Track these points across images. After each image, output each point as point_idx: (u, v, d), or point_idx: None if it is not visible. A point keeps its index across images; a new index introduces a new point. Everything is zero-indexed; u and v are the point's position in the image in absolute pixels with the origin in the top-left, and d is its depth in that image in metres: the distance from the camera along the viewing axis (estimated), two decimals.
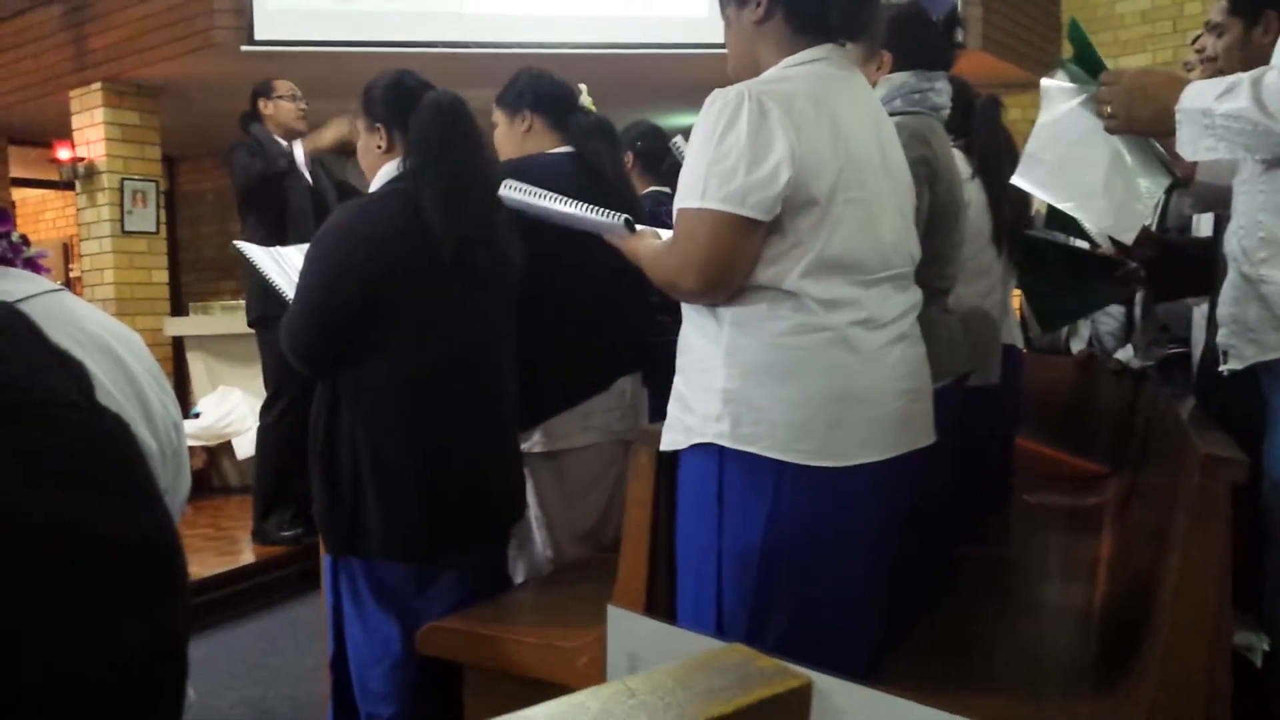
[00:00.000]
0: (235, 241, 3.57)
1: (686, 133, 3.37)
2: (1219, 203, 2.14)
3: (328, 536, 2.33)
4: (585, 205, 2.20)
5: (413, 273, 2.26)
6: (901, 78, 2.15)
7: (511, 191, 2.32)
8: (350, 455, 2.26)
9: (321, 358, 2.32)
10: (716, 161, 1.61)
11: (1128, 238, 2.20)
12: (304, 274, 2.33)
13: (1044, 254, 3.15)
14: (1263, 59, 1.77)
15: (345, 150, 4.33)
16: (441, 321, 2.30)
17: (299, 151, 4.55)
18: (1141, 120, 1.80)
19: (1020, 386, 3.54)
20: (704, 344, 1.71)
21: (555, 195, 2.28)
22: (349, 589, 2.35)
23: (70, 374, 0.58)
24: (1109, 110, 1.83)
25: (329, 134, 4.45)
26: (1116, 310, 3.90)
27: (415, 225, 2.25)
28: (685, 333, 1.78)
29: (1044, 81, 2.12)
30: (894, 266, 1.75)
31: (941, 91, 2.18)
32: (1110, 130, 1.88)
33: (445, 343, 2.30)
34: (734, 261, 1.63)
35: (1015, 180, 2.22)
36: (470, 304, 2.33)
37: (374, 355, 2.26)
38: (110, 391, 1.08)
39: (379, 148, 2.43)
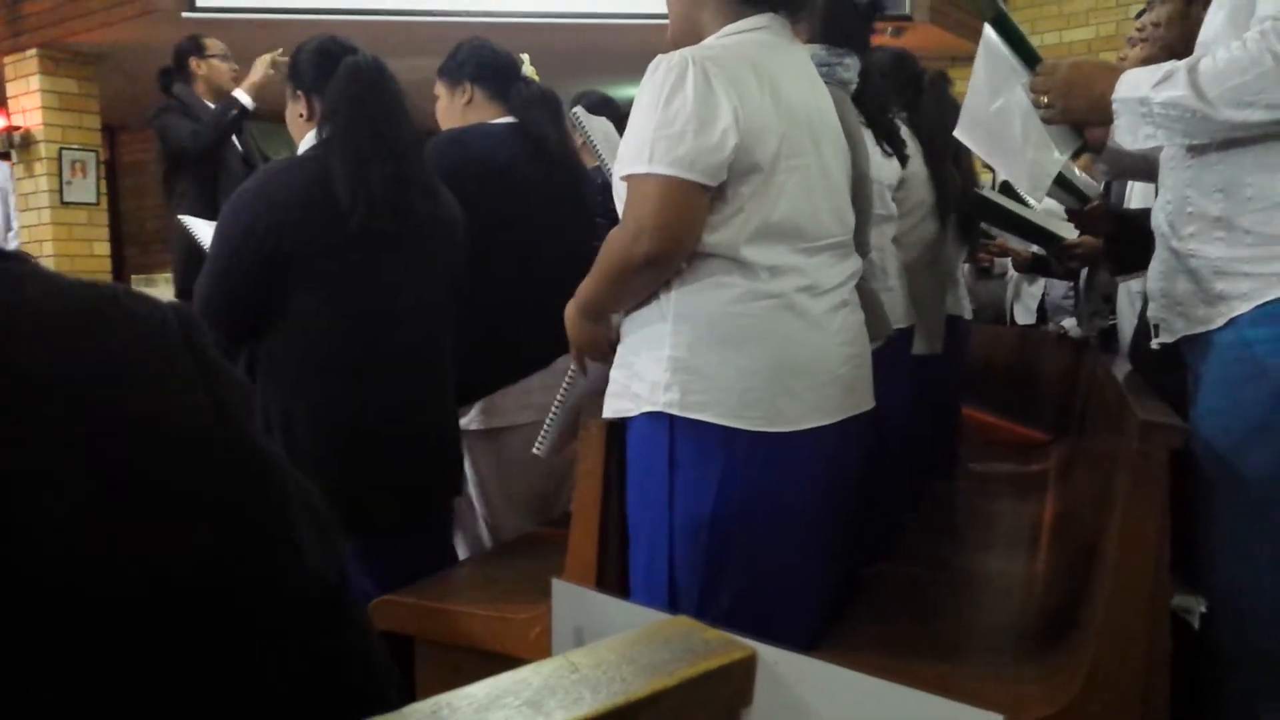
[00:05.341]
0: (180, 216, 3.48)
1: (595, 104, 3.35)
2: (1132, 170, 2.17)
3: None
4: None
5: (321, 243, 2.17)
6: (812, 49, 2.16)
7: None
8: (263, 427, 2.20)
9: (230, 322, 2.21)
10: (663, 125, 1.60)
11: (1039, 196, 2.23)
12: (213, 237, 2.26)
13: (990, 210, 3.22)
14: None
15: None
16: (358, 293, 2.21)
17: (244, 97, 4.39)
18: (1079, 111, 1.80)
19: (965, 356, 3.59)
20: (650, 310, 1.71)
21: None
22: None
23: (213, 392, 0.54)
24: (1045, 101, 1.83)
25: (255, 75, 4.17)
26: (1064, 285, 3.98)
27: (326, 194, 2.16)
28: None
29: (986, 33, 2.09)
30: (834, 234, 1.76)
31: (850, 68, 2.18)
32: (1047, 121, 1.88)
33: (363, 315, 2.22)
34: (686, 225, 1.63)
35: (956, 134, 2.24)
36: (392, 275, 2.25)
37: (288, 326, 2.19)
38: None
39: (301, 115, 2.36)
